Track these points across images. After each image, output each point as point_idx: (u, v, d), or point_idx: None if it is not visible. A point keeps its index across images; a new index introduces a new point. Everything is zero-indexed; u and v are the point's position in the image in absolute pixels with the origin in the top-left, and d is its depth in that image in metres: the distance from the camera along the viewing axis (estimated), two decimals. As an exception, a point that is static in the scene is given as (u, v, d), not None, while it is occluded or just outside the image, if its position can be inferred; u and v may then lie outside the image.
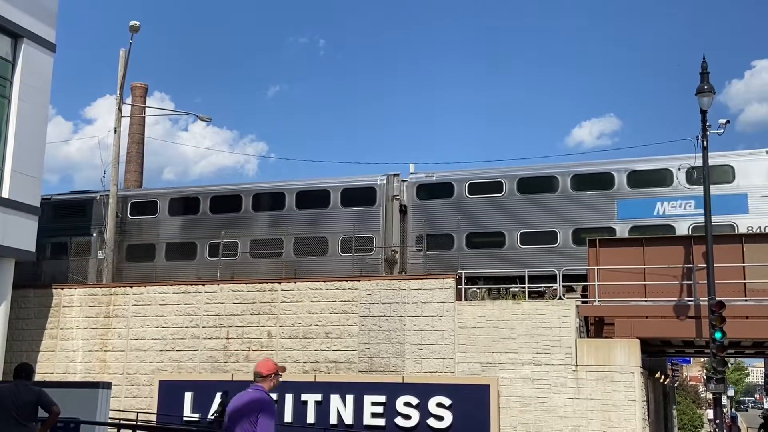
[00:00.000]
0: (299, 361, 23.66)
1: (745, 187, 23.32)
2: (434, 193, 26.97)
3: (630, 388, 20.73)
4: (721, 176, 23.47)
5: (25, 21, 24.50)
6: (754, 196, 23.15)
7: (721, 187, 23.16)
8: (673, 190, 24.15)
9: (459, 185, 26.61)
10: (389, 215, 27.10)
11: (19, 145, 24.22)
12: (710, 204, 20.25)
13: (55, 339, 26.38)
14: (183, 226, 29.08)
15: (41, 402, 10.05)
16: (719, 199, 22.24)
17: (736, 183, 23.57)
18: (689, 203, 23.76)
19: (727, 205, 23.01)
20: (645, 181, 24.62)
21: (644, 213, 24.26)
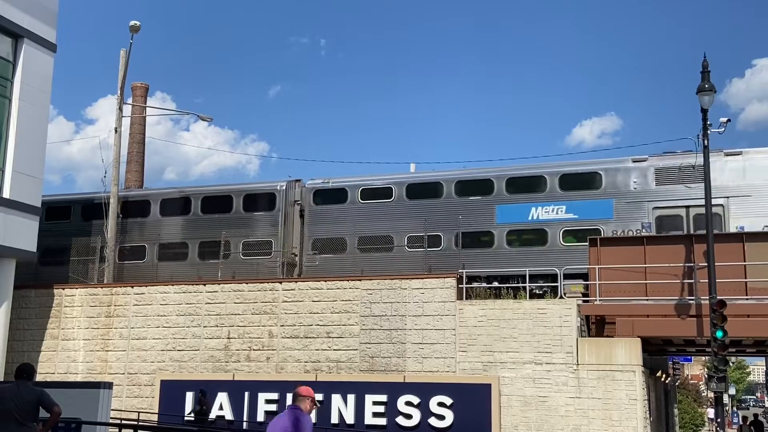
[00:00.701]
0: (300, 360, 23.67)
1: (611, 194, 24.65)
2: (330, 199, 28.06)
3: (631, 387, 20.73)
4: (589, 183, 25.05)
5: (26, 21, 24.52)
6: (619, 202, 24.50)
7: (589, 193, 24.82)
8: (546, 196, 25.31)
9: (352, 191, 27.77)
10: (289, 220, 28.22)
11: (20, 145, 24.23)
12: (711, 202, 20.28)
13: (57, 339, 26.39)
14: None
15: (42, 402, 10.05)
16: (587, 204, 24.42)
17: (603, 189, 24.83)
18: (561, 208, 25.03)
19: (594, 210, 24.56)
20: (521, 187, 25.86)
21: (520, 217, 25.47)
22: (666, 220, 24.16)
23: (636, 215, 24.36)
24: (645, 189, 24.43)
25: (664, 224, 24.06)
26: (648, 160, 24.89)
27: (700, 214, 22.93)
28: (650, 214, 24.27)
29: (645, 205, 24.36)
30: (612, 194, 24.81)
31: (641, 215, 24.28)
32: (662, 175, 24.52)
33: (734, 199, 23.51)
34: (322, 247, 27.44)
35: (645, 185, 24.53)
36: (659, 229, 24.02)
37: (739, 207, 23.47)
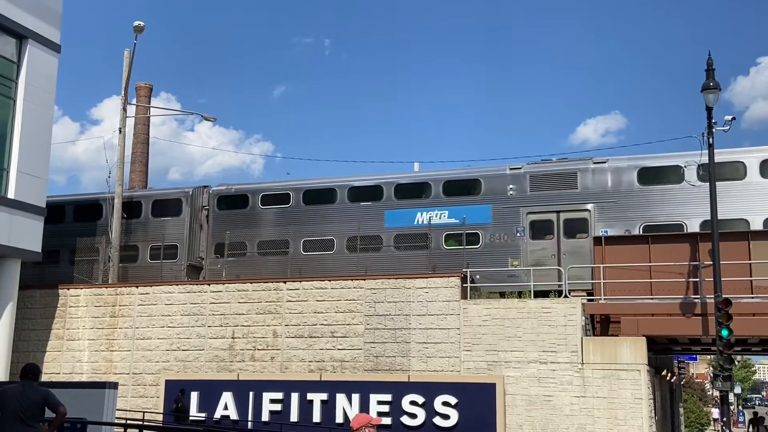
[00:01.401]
0: (305, 360, 23.68)
1: (489, 200, 26.00)
2: (233, 204, 29.15)
3: (636, 386, 20.69)
4: (470, 189, 26.41)
5: (30, 22, 24.56)
6: (496, 207, 25.86)
7: (471, 199, 26.26)
8: (431, 202, 26.58)
9: (253, 197, 28.88)
10: (195, 225, 29.41)
11: (25, 145, 24.27)
12: (716, 201, 20.22)
13: (62, 339, 26.43)
14: None
15: (48, 402, 10.05)
16: (468, 209, 25.83)
17: (483, 195, 26.23)
18: (444, 213, 26.25)
19: (474, 215, 25.88)
20: (408, 193, 27.06)
21: (407, 222, 26.58)
22: (538, 225, 25.37)
23: (512, 220, 25.60)
24: (520, 195, 25.66)
25: (536, 228, 25.31)
26: (523, 168, 26.09)
27: (569, 219, 24.75)
28: (524, 219, 25.45)
29: (520, 210, 25.53)
30: (490, 200, 26.01)
31: (517, 220, 25.54)
32: (536, 182, 25.67)
33: (600, 205, 24.77)
34: (224, 252, 28.46)
35: (521, 191, 25.72)
36: (532, 233, 25.27)
37: (605, 212, 24.70)
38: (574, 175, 25.31)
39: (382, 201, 27.10)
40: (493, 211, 25.82)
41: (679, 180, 24.15)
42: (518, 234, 25.35)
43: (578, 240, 24.69)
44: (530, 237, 25.21)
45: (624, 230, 24.10)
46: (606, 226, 24.43)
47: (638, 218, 24.34)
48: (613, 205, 24.60)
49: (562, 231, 24.90)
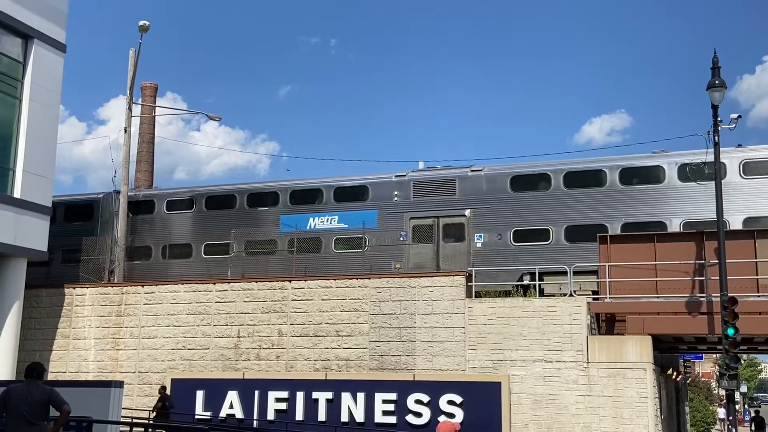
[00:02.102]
0: (310, 359, 23.70)
1: (376, 205, 27.24)
2: (140, 209, 30.41)
3: (642, 385, 20.66)
4: (358, 195, 27.75)
5: (35, 22, 24.62)
6: (382, 212, 27.09)
7: (359, 204, 27.50)
8: (322, 207, 28.06)
9: (159, 202, 30.29)
10: (107, 229, 30.39)
11: (31, 145, 24.35)
12: (722, 202, 20.18)
13: (68, 338, 26.51)
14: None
15: (52, 401, 10.08)
16: (356, 215, 27.17)
17: (370, 201, 27.45)
18: (334, 218, 27.62)
19: (360, 220, 27.13)
20: (302, 199, 28.54)
21: (300, 226, 28.00)
22: (419, 229, 26.60)
23: (397, 225, 26.79)
24: (405, 201, 26.92)
25: (418, 233, 26.55)
26: (407, 175, 27.43)
27: (448, 224, 26.19)
28: (408, 224, 26.67)
29: (404, 215, 26.77)
30: (377, 206, 27.29)
31: (401, 225, 26.72)
32: (419, 189, 26.95)
33: (476, 210, 26.01)
34: (132, 255, 29.57)
35: (405, 198, 27.00)
36: (414, 237, 26.52)
37: (480, 217, 25.93)
38: (453, 182, 26.69)
39: (278, 206, 28.63)
40: (379, 216, 27.08)
41: (547, 188, 25.52)
42: (402, 238, 26.54)
43: (456, 243, 26.09)
44: (412, 241, 26.51)
45: (496, 235, 25.53)
46: (481, 230, 25.86)
47: (510, 224, 25.68)
48: (488, 211, 25.85)
49: (441, 235, 26.22)
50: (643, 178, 24.76)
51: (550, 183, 25.55)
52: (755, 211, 23.35)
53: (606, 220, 24.54)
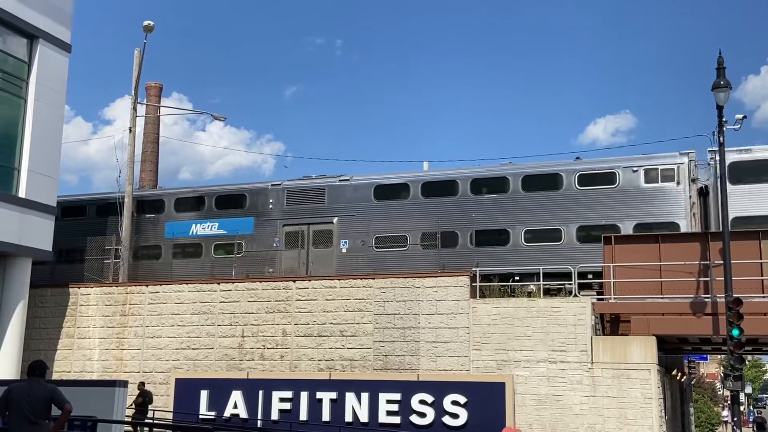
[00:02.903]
0: (314, 359, 23.71)
1: (252, 213, 28.78)
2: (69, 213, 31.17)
3: (646, 386, 20.62)
4: (237, 203, 29.19)
5: (41, 22, 24.68)
6: (258, 220, 28.60)
7: (237, 212, 29.06)
8: (202, 215, 29.39)
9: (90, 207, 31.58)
10: None
11: (36, 145, 24.40)
12: (727, 202, 20.15)
13: (72, 338, 26.56)
14: None
15: (54, 400, 10.06)
16: (234, 221, 28.72)
17: (247, 209, 28.94)
18: (214, 224, 29.11)
19: (239, 227, 28.70)
20: (186, 206, 30.03)
21: (183, 232, 29.43)
22: (292, 236, 27.99)
23: (271, 231, 28.17)
24: (279, 209, 28.41)
25: (290, 239, 27.99)
26: (282, 184, 28.90)
27: (317, 230, 27.61)
28: (281, 230, 28.09)
29: (278, 222, 28.19)
30: (253, 213, 28.79)
31: (274, 231, 28.10)
32: (292, 197, 28.37)
33: (343, 218, 27.41)
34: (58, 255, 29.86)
35: (279, 205, 28.49)
36: (287, 243, 27.89)
37: (346, 225, 27.25)
38: (323, 191, 28.19)
39: (163, 214, 30.05)
40: (255, 223, 28.58)
41: (406, 197, 26.96)
42: (275, 244, 28.02)
43: (324, 249, 27.61)
44: (285, 247, 27.93)
45: (360, 241, 26.91)
46: (346, 237, 27.29)
47: (372, 231, 26.97)
48: (353, 219, 27.23)
49: (312, 241, 27.72)
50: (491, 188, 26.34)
51: (409, 192, 26.98)
52: None
53: (458, 228, 25.94)
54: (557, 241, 24.98)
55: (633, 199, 24.48)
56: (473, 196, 26.21)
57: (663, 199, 24.29)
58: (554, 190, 25.41)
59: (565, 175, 25.38)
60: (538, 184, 25.66)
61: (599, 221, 24.59)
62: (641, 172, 24.56)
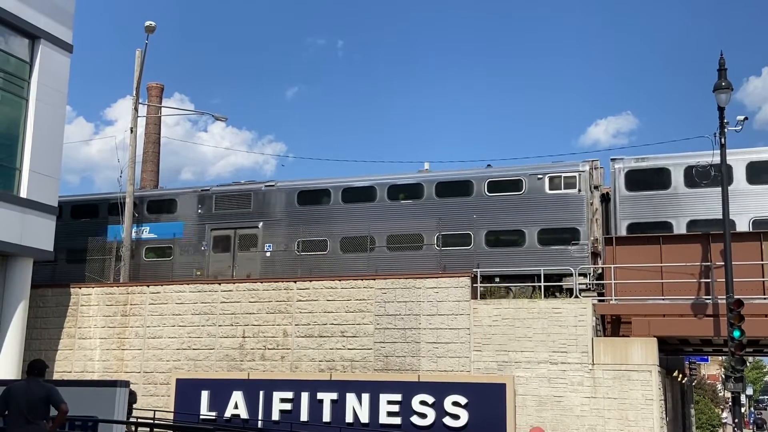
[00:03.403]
0: (315, 359, 23.71)
1: (182, 217, 29.48)
2: None
3: (647, 387, 20.61)
4: (168, 208, 29.90)
5: (42, 22, 24.70)
6: (188, 223, 29.42)
7: (168, 216, 29.70)
8: (137, 219, 29.85)
9: None
10: None
11: (37, 145, 24.41)
12: (728, 203, 20.15)
13: (73, 338, 26.58)
14: None
15: (51, 399, 10.07)
16: (165, 225, 29.47)
17: (178, 213, 29.62)
18: (146, 229, 30.04)
19: (169, 231, 29.38)
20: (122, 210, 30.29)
21: (114, 236, 30.07)
22: (219, 240, 28.82)
23: (200, 235, 28.95)
24: (207, 213, 29.09)
25: (218, 243, 28.82)
26: (211, 189, 29.68)
27: (243, 235, 28.41)
28: (209, 234, 28.84)
29: (206, 227, 28.96)
30: (183, 218, 29.51)
31: (203, 235, 28.88)
32: (220, 202, 29.11)
33: (267, 223, 28.19)
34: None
35: (207, 210, 29.16)
36: (215, 247, 28.76)
37: (270, 229, 28.01)
38: (249, 196, 28.90)
39: (98, 218, 30.79)
40: (185, 228, 29.30)
41: (328, 202, 27.78)
42: (203, 248, 28.81)
43: (250, 252, 28.39)
44: (212, 250, 28.73)
45: (283, 245, 27.77)
46: (270, 241, 28.00)
47: (295, 235, 27.75)
48: (278, 223, 28.06)
49: (238, 245, 28.55)
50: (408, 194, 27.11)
51: (330, 198, 27.82)
52: None
53: (375, 233, 26.69)
54: (467, 246, 25.74)
55: (538, 206, 25.19)
56: (390, 201, 27.02)
57: (566, 205, 24.96)
58: (466, 197, 26.15)
59: (475, 182, 26.17)
60: (451, 191, 26.47)
61: (506, 226, 25.47)
62: (546, 180, 25.30)
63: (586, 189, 24.92)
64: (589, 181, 24.99)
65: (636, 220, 24.45)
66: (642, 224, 24.28)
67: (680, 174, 24.15)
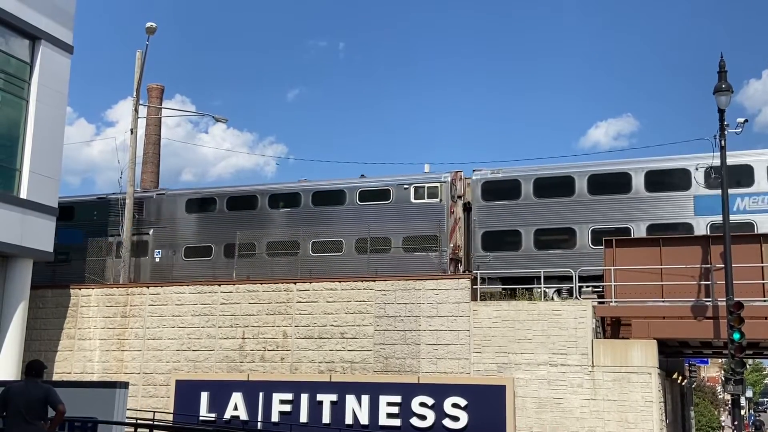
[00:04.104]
0: (315, 361, 23.70)
1: (82, 225, 30.48)
2: None
3: (647, 389, 20.60)
4: (68, 215, 29.97)
5: (43, 23, 24.71)
6: (88, 231, 30.26)
7: (69, 223, 30.20)
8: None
9: None
10: None
11: (37, 146, 24.41)
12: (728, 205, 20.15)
13: (73, 339, 26.56)
14: None
15: (49, 400, 10.06)
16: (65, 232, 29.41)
17: (76, 221, 30.59)
18: None
19: (69, 238, 29.89)
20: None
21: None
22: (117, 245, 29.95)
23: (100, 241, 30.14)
24: (103, 220, 30.22)
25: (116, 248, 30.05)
26: (108, 197, 30.90)
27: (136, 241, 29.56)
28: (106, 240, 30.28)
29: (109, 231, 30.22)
30: (83, 224, 30.66)
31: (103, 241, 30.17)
32: (116, 210, 30.02)
33: (158, 230, 29.31)
34: None
35: (103, 217, 30.32)
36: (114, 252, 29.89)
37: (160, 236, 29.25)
38: (142, 204, 30.09)
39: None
40: (85, 235, 30.42)
41: (213, 210, 29.10)
42: None
43: (142, 258, 29.70)
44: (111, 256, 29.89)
45: (171, 251, 28.83)
46: (159, 247, 29.30)
47: (183, 242, 29.06)
48: (166, 230, 29.24)
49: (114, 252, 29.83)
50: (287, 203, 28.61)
51: (216, 206, 29.16)
52: None
53: (256, 239, 28.11)
54: (338, 252, 27.17)
55: (404, 214, 26.65)
56: (270, 210, 28.50)
57: (429, 214, 26.34)
58: (339, 205, 27.60)
59: (348, 192, 27.50)
60: (326, 200, 27.89)
61: (374, 234, 26.69)
62: (411, 190, 26.80)
63: (447, 199, 26.36)
64: (450, 191, 26.41)
65: (490, 228, 25.98)
66: (495, 232, 25.91)
67: (530, 186, 25.79)
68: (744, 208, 23.73)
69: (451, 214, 26.30)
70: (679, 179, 24.52)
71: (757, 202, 23.78)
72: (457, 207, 26.67)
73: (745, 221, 23.43)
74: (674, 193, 24.43)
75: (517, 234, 25.50)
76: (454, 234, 26.30)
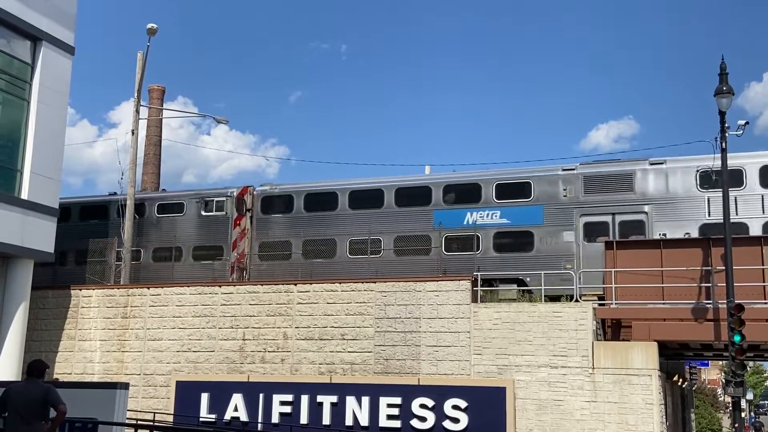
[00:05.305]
0: (315, 362, 23.70)
1: None
2: None
3: (647, 391, 20.59)
4: None
5: (44, 24, 24.73)
6: None
7: None
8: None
9: None
10: None
11: (38, 147, 24.42)
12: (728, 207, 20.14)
13: (73, 339, 26.57)
14: None
15: (49, 400, 10.05)
16: None
17: None
18: None
19: None
20: None
21: None
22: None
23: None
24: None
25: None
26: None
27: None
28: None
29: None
30: None
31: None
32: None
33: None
34: None
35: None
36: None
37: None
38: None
39: None
40: None
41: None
42: None
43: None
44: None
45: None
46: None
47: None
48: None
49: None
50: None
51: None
52: None
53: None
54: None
55: (198, 225, 29.75)
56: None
57: (215, 225, 29.54)
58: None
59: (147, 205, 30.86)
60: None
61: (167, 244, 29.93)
62: (202, 203, 29.97)
63: (232, 211, 29.18)
64: (237, 204, 29.19)
65: (266, 239, 28.78)
66: (270, 243, 28.70)
67: (301, 201, 28.67)
68: None
69: (237, 226, 29.03)
70: None
71: None
72: (245, 219, 29.16)
73: None
74: None
75: (287, 245, 28.45)
76: (238, 244, 28.86)
